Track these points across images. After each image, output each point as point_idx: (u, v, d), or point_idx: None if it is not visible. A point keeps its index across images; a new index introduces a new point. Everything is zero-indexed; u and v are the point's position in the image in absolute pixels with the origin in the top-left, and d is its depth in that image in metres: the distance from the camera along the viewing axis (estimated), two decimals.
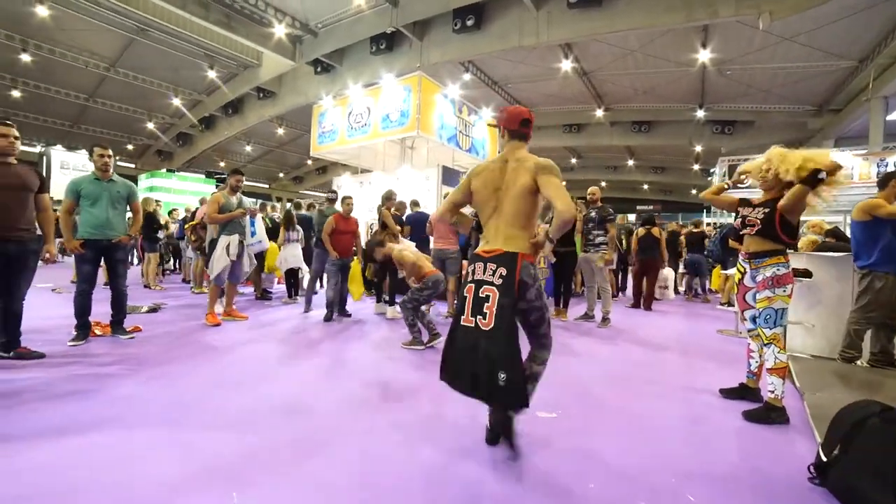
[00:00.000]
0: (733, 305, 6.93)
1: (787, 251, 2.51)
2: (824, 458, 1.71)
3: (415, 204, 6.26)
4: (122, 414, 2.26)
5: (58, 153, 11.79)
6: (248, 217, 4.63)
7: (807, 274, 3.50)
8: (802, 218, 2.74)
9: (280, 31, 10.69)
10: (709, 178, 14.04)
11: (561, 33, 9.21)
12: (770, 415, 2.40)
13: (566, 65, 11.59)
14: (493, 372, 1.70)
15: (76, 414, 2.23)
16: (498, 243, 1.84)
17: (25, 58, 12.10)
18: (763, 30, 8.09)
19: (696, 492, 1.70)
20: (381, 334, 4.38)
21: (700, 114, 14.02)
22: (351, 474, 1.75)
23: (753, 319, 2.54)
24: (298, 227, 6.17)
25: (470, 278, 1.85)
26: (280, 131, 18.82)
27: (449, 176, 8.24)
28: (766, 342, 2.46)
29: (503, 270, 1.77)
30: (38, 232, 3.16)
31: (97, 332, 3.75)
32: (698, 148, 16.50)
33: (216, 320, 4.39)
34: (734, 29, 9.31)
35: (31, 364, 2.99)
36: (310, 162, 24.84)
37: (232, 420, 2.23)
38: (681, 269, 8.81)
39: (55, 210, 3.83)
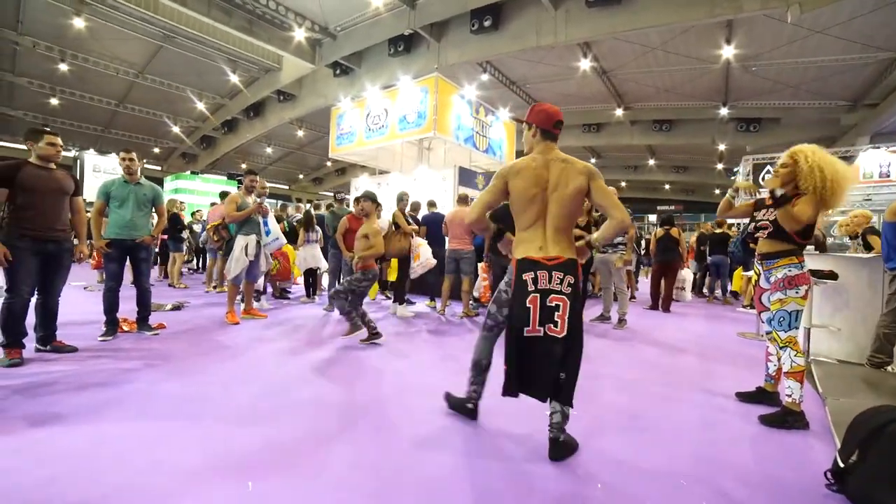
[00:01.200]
0: (748, 307, 6.77)
1: (803, 252, 2.43)
2: (841, 464, 1.66)
3: (431, 204, 6.30)
4: (146, 405, 2.37)
5: (90, 157, 12.37)
6: (260, 216, 4.73)
7: (832, 276, 3.38)
8: (843, 207, 2.67)
9: (300, 34, 10.89)
10: (732, 178, 13.61)
11: (579, 32, 9.10)
12: (787, 419, 2.34)
13: (585, 64, 11.44)
14: (557, 370, 1.77)
15: (104, 403, 2.36)
16: (556, 249, 1.81)
17: (63, 67, 12.76)
18: (792, 23, 7.80)
19: (709, 496, 1.67)
20: (395, 332, 4.43)
21: (723, 111, 13.62)
22: (366, 469, 1.79)
23: (770, 321, 2.48)
24: (318, 228, 6.30)
25: (532, 288, 1.75)
26: (300, 133, 19.18)
27: (466, 177, 8.25)
28: (781, 345, 2.40)
29: (570, 279, 1.76)
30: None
31: (125, 328, 3.93)
32: (722, 146, 16.04)
33: (236, 319, 4.52)
34: (760, 23, 9.01)
35: (65, 357, 3.17)
36: (329, 163, 25.24)
37: (251, 414, 2.31)
38: (692, 269, 8.59)
39: (87, 211, 4.04)
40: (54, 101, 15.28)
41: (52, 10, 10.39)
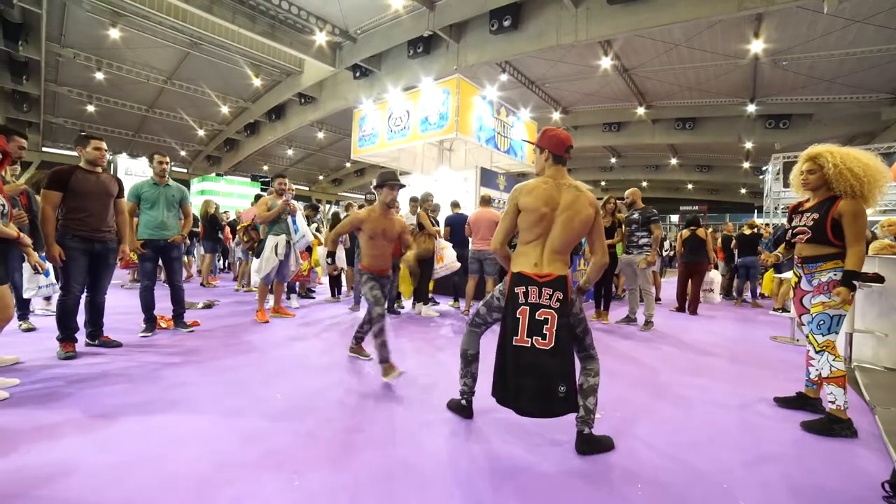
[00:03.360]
0: (788, 311, 6.55)
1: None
2: None
3: (455, 205, 6.31)
4: (185, 397, 2.48)
5: (122, 160, 12.87)
6: (289, 214, 4.83)
7: (878, 279, 3.24)
8: (872, 217, 2.57)
9: (321, 38, 11.07)
10: (760, 176, 13.17)
11: (600, 30, 8.98)
12: (833, 427, 2.25)
13: (605, 62, 11.29)
14: (553, 386, 1.79)
15: (150, 395, 2.47)
16: (549, 267, 1.90)
17: (99, 76, 13.40)
18: (829, 13, 7.47)
19: (755, 500, 1.64)
20: (424, 331, 4.47)
21: (751, 108, 13.22)
22: (405, 465, 1.81)
23: (809, 324, 2.41)
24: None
25: (523, 301, 1.86)
26: (320, 135, 19.47)
27: (487, 177, 8.25)
28: (818, 349, 2.33)
29: (559, 294, 1.85)
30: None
31: (162, 325, 4.07)
32: (748, 144, 15.57)
33: (265, 317, 4.63)
34: (793, 15, 8.69)
35: (111, 351, 3.34)
36: (348, 165, 25.56)
37: (283, 409, 2.37)
38: (720, 272, 8.36)
39: None
40: (91, 108, 15.99)
41: (91, 22, 10.91)
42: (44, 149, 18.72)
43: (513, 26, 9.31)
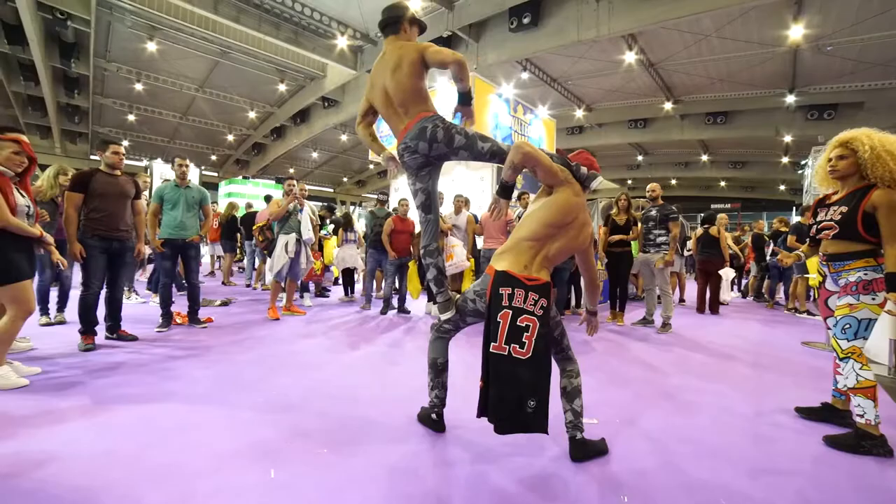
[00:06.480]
0: (802, 313, 6.16)
1: (881, 251, 2.08)
2: None
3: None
4: (187, 390, 2.55)
5: (158, 165, 13.60)
6: (298, 211, 4.89)
7: None
8: None
9: (342, 42, 11.27)
10: (799, 171, 12.39)
11: (624, 24, 8.70)
12: (862, 443, 2.03)
13: (630, 57, 10.92)
14: (523, 400, 1.65)
15: (156, 387, 2.58)
16: (538, 272, 1.78)
17: (139, 87, 14.30)
18: None
19: None
20: (428, 330, 4.44)
21: (790, 99, 12.42)
22: (387, 466, 1.79)
23: (833, 327, 2.21)
24: (357, 228, 6.48)
25: (506, 303, 1.70)
26: (344, 138, 19.84)
27: None
28: (841, 356, 2.11)
29: (544, 301, 1.73)
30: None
31: (178, 321, 4.23)
32: (787, 138, 14.69)
33: (276, 315, 4.73)
34: None
35: (127, 344, 3.49)
36: (371, 166, 25.89)
37: (283, 404, 2.40)
38: (752, 272, 7.92)
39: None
40: (131, 117, 17.05)
41: (132, 37, 11.65)
42: (92, 157, 19.99)
43: (532, 23, 9.16)
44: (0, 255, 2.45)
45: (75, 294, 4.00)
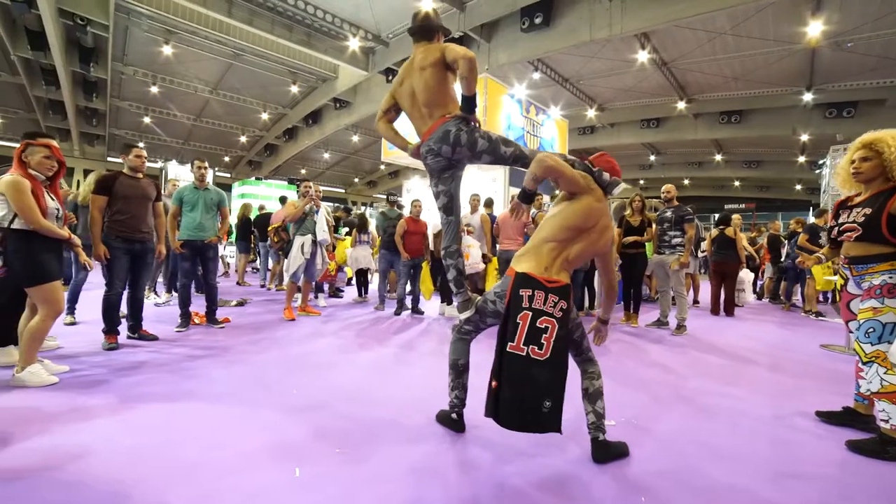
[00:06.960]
0: (815, 315, 6.05)
1: None
2: None
3: (487, 204, 6.24)
4: (206, 388, 2.61)
5: (173, 167, 13.81)
6: (314, 211, 4.95)
7: None
8: None
9: (354, 44, 11.34)
10: (816, 171, 12.11)
11: (636, 23, 8.62)
12: (888, 449, 2.00)
13: (642, 56, 10.82)
14: (540, 399, 1.68)
15: (178, 386, 2.63)
16: (559, 274, 1.80)
17: (154, 90, 14.57)
18: None
19: None
20: (444, 331, 4.47)
21: (807, 97, 12.18)
22: (408, 466, 1.81)
23: (856, 331, 2.18)
24: (371, 230, 6.54)
25: (526, 304, 1.71)
26: (355, 138, 19.97)
27: (516, 177, 8.14)
28: (865, 360, 2.09)
29: (564, 304, 1.74)
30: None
31: (196, 321, 4.31)
32: (804, 137, 14.41)
33: (292, 315, 4.80)
34: None
35: (148, 344, 3.57)
36: (382, 167, 26.02)
37: (302, 403, 2.44)
38: (768, 273, 7.80)
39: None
40: (147, 120, 17.37)
41: (148, 41, 11.90)
42: (108, 158, 20.42)
43: (544, 23, 9.13)
44: (31, 256, 2.53)
45: (86, 295, 4.12)
